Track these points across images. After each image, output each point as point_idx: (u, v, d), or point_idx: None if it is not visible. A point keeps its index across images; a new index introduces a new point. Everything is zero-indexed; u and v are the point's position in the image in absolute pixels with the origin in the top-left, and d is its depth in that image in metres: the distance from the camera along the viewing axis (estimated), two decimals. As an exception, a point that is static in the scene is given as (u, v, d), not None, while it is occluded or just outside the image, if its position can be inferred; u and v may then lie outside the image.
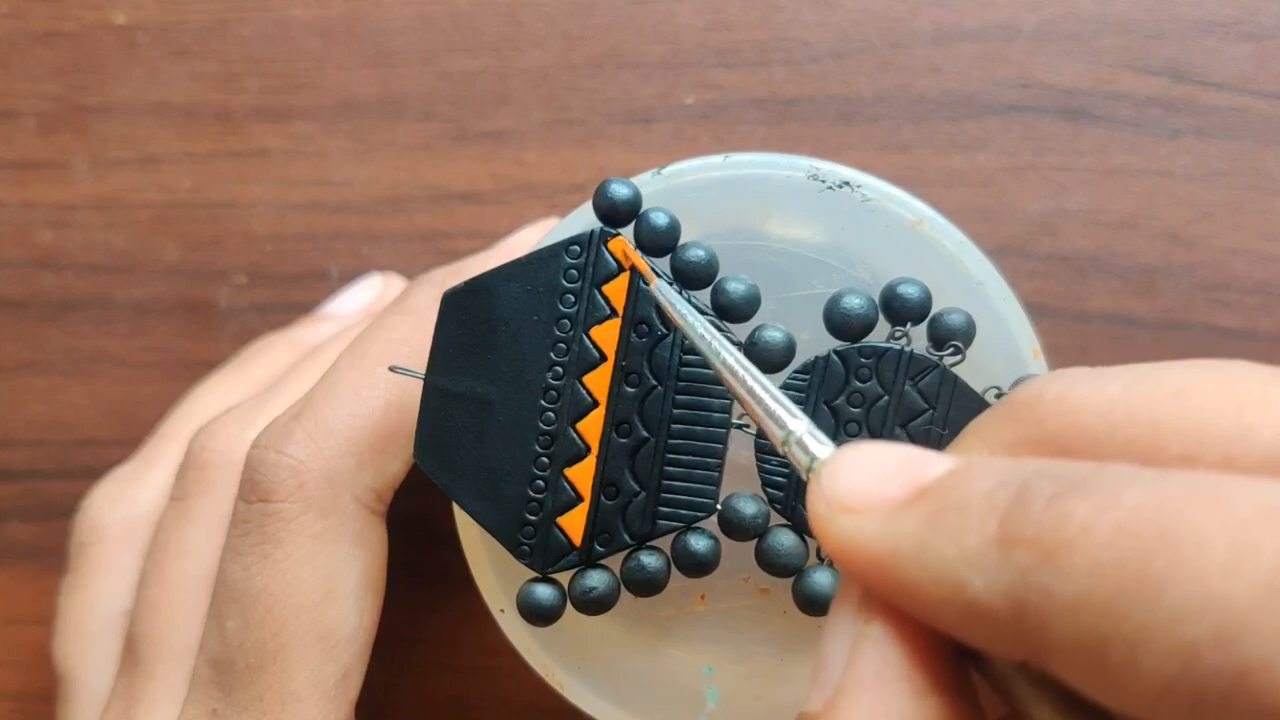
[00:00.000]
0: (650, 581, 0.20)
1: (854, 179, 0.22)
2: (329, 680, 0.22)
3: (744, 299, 0.20)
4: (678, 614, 0.22)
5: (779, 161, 0.22)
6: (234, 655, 0.21)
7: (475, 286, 0.20)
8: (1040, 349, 0.22)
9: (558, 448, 0.20)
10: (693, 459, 0.20)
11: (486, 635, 0.28)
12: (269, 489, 0.21)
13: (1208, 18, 0.28)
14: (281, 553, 0.21)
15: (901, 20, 0.28)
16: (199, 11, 0.30)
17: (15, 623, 0.30)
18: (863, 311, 0.20)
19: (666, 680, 0.22)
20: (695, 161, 0.22)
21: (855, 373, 0.20)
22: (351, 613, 0.22)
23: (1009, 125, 0.28)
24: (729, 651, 0.22)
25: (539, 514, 0.20)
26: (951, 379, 0.20)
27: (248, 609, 0.21)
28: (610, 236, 0.20)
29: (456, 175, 0.29)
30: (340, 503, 0.22)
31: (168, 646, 0.24)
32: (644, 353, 0.20)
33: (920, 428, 0.20)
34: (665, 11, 0.29)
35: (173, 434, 0.27)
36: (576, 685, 0.22)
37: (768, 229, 0.22)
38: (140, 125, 0.30)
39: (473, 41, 0.29)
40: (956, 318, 0.20)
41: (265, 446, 0.22)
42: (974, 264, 0.22)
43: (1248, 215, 0.27)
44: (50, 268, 0.30)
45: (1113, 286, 0.28)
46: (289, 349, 0.28)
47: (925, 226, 0.22)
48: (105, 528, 0.26)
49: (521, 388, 0.20)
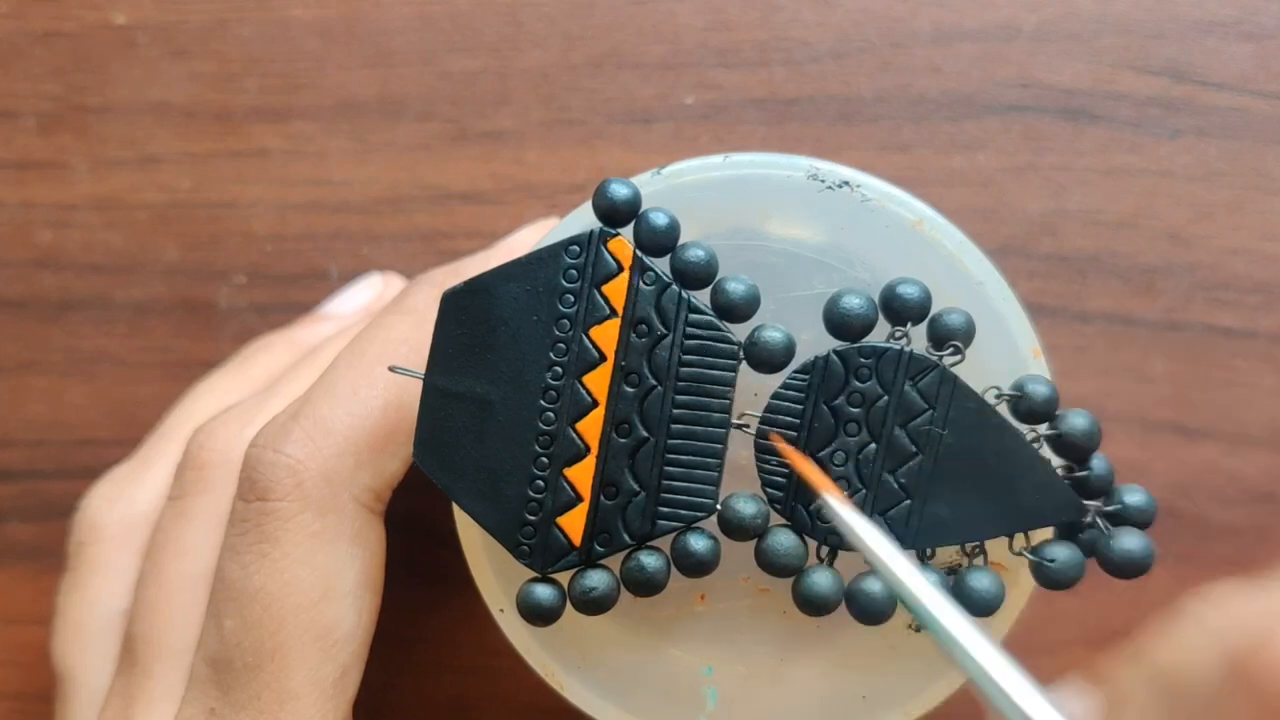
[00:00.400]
0: (650, 581, 0.20)
1: (854, 179, 0.22)
2: (327, 679, 0.22)
3: (744, 299, 0.20)
4: (677, 614, 0.22)
5: (779, 161, 0.22)
6: (231, 654, 0.21)
7: (475, 286, 0.20)
8: (1040, 349, 0.22)
9: (557, 448, 0.20)
10: (692, 459, 0.20)
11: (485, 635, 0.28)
12: (267, 488, 0.21)
13: (1208, 18, 0.28)
14: (279, 551, 0.21)
15: (901, 20, 0.28)
16: (199, 11, 0.30)
17: (15, 623, 0.31)
18: (862, 311, 0.20)
19: (666, 680, 0.22)
20: (695, 161, 0.22)
21: (855, 373, 0.20)
22: (350, 611, 0.22)
23: (1009, 125, 0.28)
24: (729, 651, 0.22)
25: (539, 514, 0.20)
26: (951, 379, 0.20)
27: (245, 608, 0.21)
28: (610, 236, 0.20)
29: (456, 175, 0.29)
30: (338, 502, 0.22)
31: (165, 646, 0.24)
32: (644, 353, 0.20)
33: (920, 428, 0.20)
34: (665, 11, 0.29)
35: (171, 433, 0.27)
36: (576, 685, 0.22)
37: (767, 229, 0.22)
38: (140, 125, 0.30)
39: (473, 41, 0.29)
40: (956, 318, 0.20)
41: (263, 445, 0.22)
42: (974, 264, 0.22)
43: (1248, 215, 0.27)
44: (50, 268, 0.31)
45: (1113, 286, 0.28)
46: (288, 349, 0.28)
47: (925, 226, 0.22)
48: (104, 527, 0.26)
49: (521, 387, 0.20)
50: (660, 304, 0.20)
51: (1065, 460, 0.20)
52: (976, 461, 0.20)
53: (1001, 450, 0.20)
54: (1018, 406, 0.20)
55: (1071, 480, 0.20)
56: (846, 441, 0.20)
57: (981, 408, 0.20)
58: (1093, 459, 0.20)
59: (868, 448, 0.20)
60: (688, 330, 0.20)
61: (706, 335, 0.20)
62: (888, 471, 0.20)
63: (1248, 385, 0.27)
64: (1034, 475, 0.20)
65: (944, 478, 0.20)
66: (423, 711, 0.29)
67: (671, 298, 0.20)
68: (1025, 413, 0.20)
